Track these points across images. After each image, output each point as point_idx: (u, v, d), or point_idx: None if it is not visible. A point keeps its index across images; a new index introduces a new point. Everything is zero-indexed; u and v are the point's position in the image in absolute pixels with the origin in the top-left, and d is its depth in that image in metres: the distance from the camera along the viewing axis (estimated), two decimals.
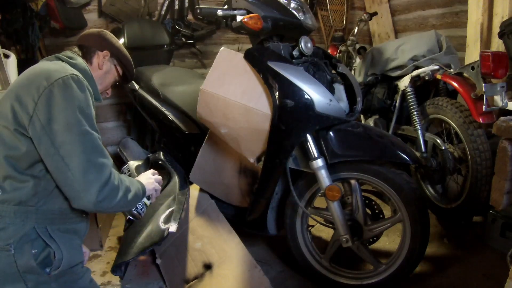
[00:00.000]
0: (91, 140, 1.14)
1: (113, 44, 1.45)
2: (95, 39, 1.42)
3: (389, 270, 1.69)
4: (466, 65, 2.09)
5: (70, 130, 1.10)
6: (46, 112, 1.10)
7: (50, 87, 1.12)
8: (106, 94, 1.51)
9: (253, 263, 1.71)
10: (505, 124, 1.71)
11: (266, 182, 1.72)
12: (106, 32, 1.47)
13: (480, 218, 2.29)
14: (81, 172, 1.09)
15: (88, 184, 1.10)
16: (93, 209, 1.15)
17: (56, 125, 1.10)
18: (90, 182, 1.10)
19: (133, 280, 1.92)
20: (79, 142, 1.11)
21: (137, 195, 1.28)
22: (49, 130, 1.09)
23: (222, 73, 1.65)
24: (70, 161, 1.09)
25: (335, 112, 1.57)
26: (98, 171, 1.12)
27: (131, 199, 1.23)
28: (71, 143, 1.10)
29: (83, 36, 1.44)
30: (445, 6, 3.17)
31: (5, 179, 1.12)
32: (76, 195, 1.11)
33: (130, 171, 1.82)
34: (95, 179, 1.11)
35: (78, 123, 1.12)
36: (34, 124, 1.10)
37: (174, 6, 3.16)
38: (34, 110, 1.10)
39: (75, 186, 1.10)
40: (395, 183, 1.59)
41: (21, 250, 1.10)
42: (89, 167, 1.11)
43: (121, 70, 1.50)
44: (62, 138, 1.10)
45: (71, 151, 1.10)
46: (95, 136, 1.16)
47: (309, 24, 1.69)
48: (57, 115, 1.10)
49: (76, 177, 1.09)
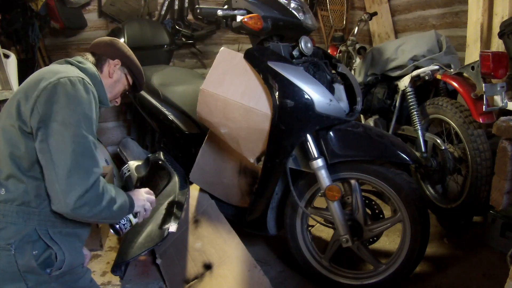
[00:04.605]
0: (84, 144, 1.12)
1: (125, 53, 1.44)
2: (106, 47, 1.42)
3: (389, 270, 1.69)
4: (466, 65, 2.09)
5: (66, 129, 1.10)
6: (46, 106, 1.10)
7: (55, 84, 1.13)
8: (115, 102, 1.50)
9: (253, 263, 1.71)
10: (505, 124, 1.72)
11: (266, 182, 1.72)
12: (118, 41, 1.47)
13: (480, 218, 2.29)
14: (65, 172, 1.07)
15: (69, 186, 1.07)
16: (70, 214, 1.10)
17: (53, 122, 1.09)
18: (72, 184, 1.07)
19: (133, 280, 1.92)
20: (71, 142, 1.09)
21: (123, 208, 1.23)
22: (46, 125, 1.09)
23: (222, 73, 1.65)
24: (57, 159, 1.07)
25: (335, 112, 1.57)
26: (83, 175, 1.09)
27: (116, 211, 1.18)
28: (63, 142, 1.09)
29: (95, 44, 1.44)
30: (445, 6, 3.17)
31: (8, 178, 1.12)
32: (55, 195, 1.08)
33: (130, 171, 1.82)
34: (78, 183, 1.08)
35: (75, 124, 1.11)
36: (34, 117, 1.10)
37: (174, 6, 3.16)
38: (35, 103, 1.10)
39: (56, 186, 1.07)
40: (395, 183, 1.59)
41: (21, 250, 1.10)
42: (74, 169, 1.08)
43: (131, 79, 1.49)
44: (56, 135, 1.09)
45: (61, 150, 1.08)
46: (90, 140, 1.14)
47: (309, 24, 1.69)
48: (56, 112, 1.10)
49: (59, 177, 1.07)
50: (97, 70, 1.34)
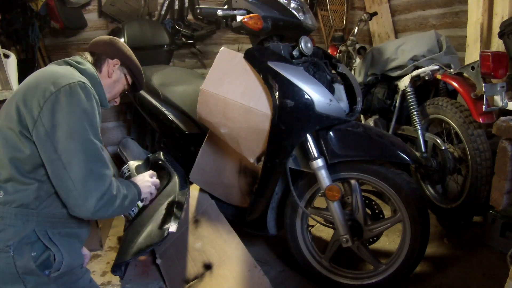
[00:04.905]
0: (93, 150, 1.14)
1: (124, 53, 1.43)
2: (105, 46, 1.40)
3: (389, 270, 1.69)
4: (466, 65, 2.09)
5: (73, 137, 1.10)
6: (50, 118, 1.10)
7: (56, 93, 1.12)
8: (114, 102, 1.49)
9: (253, 263, 1.71)
10: (505, 124, 1.72)
11: (266, 182, 1.72)
12: (118, 40, 1.45)
13: (480, 218, 2.29)
14: (81, 181, 1.10)
15: (87, 193, 1.10)
16: (90, 217, 1.16)
17: (60, 132, 1.10)
18: (90, 191, 1.11)
19: (133, 280, 1.92)
20: (81, 150, 1.11)
21: (133, 200, 1.30)
22: (53, 136, 1.09)
23: (222, 73, 1.64)
24: (71, 169, 1.09)
25: (335, 112, 1.57)
26: (98, 181, 1.12)
27: (128, 205, 1.25)
28: (74, 151, 1.10)
29: (94, 43, 1.42)
30: (445, 6, 3.17)
31: (7, 181, 1.12)
32: (75, 203, 1.11)
33: (130, 171, 1.82)
34: (95, 189, 1.11)
35: (82, 131, 1.12)
36: (38, 129, 1.10)
37: (174, 6, 3.16)
38: (39, 115, 1.10)
39: (74, 194, 1.10)
40: (395, 183, 1.59)
41: (20, 252, 1.10)
42: (89, 176, 1.11)
43: (130, 79, 1.48)
44: (64, 145, 1.09)
45: (73, 159, 1.10)
46: (98, 145, 1.16)
47: (309, 24, 1.69)
48: (61, 122, 1.10)
49: (76, 186, 1.10)
50: (96, 70, 1.33)
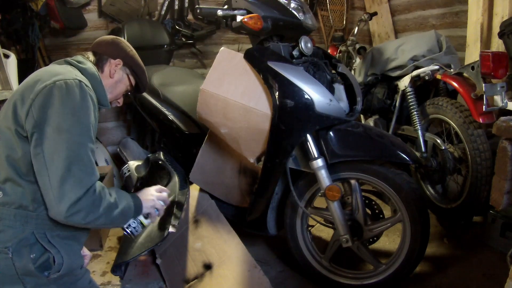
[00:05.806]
0: (78, 150, 1.08)
1: (127, 53, 1.40)
2: (108, 46, 1.38)
3: (389, 270, 1.69)
4: (466, 65, 2.09)
5: (60, 134, 1.07)
6: (41, 111, 1.08)
7: (51, 86, 1.10)
8: (117, 103, 1.45)
9: (253, 263, 1.71)
10: (505, 124, 1.72)
11: (266, 182, 1.72)
12: (121, 40, 1.42)
13: (480, 218, 2.29)
14: (58, 180, 1.04)
15: (62, 195, 1.04)
16: (63, 221, 1.08)
17: (48, 127, 1.07)
18: (65, 193, 1.04)
19: (133, 280, 1.92)
20: (65, 149, 1.06)
21: (126, 212, 1.20)
22: (41, 129, 1.07)
23: (222, 73, 1.64)
24: (50, 166, 1.05)
25: (335, 112, 1.57)
26: (76, 184, 1.06)
27: (116, 216, 1.16)
28: (57, 148, 1.06)
29: (96, 43, 1.40)
30: (445, 6, 3.17)
31: (6, 181, 1.11)
32: (50, 203, 1.06)
33: (130, 171, 1.82)
34: (70, 191, 1.05)
35: (70, 130, 1.08)
36: (29, 121, 1.08)
37: (174, 6, 3.16)
38: (30, 106, 1.08)
39: (49, 194, 1.05)
40: (395, 183, 1.59)
41: (19, 254, 1.09)
42: (67, 176, 1.05)
43: (133, 80, 1.44)
44: (49, 141, 1.06)
45: (54, 156, 1.05)
46: (86, 146, 1.11)
47: (309, 24, 1.69)
48: (51, 116, 1.07)
49: (52, 185, 1.05)
50: (98, 70, 1.31)
